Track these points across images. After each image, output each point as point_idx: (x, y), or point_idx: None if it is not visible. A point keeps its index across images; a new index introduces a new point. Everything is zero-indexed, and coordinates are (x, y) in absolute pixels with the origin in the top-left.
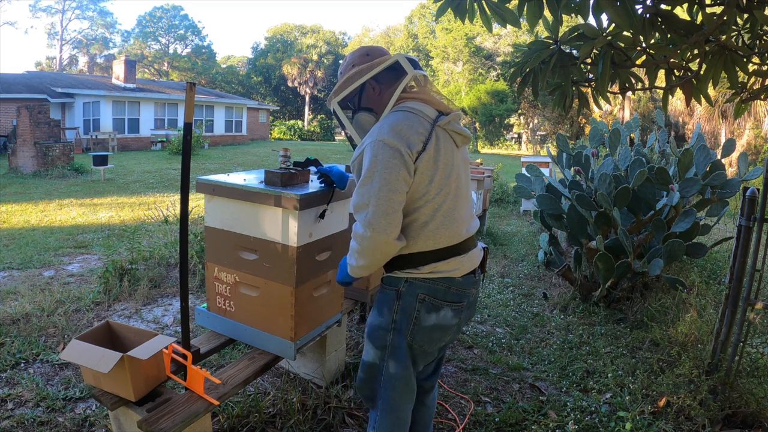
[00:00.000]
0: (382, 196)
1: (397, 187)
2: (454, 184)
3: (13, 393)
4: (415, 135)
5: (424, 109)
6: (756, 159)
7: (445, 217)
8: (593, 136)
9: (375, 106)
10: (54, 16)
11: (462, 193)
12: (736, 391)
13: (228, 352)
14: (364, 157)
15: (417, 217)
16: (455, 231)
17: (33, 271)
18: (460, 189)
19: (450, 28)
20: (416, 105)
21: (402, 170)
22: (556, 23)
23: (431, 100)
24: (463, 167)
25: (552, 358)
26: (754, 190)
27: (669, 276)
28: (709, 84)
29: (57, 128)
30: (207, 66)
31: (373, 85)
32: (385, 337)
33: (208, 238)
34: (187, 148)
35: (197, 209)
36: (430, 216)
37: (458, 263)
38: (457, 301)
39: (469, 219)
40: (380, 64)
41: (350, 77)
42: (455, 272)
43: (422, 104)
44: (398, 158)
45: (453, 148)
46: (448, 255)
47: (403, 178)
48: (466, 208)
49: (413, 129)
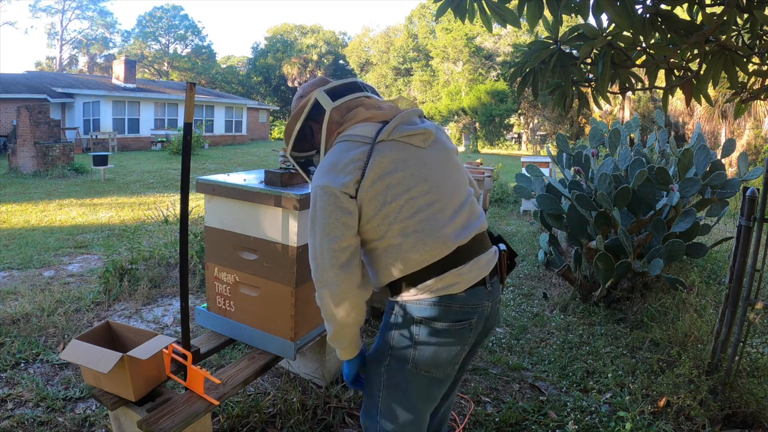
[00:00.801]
0: (325, 247)
1: (337, 234)
2: (423, 191)
3: (13, 393)
4: (350, 165)
5: (362, 131)
6: (756, 159)
7: (422, 232)
8: (593, 136)
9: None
10: (54, 16)
11: (443, 195)
12: (736, 391)
13: (228, 352)
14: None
15: (385, 245)
16: (440, 241)
17: (33, 271)
18: (438, 191)
19: (450, 28)
20: (355, 129)
21: (339, 214)
22: (556, 23)
23: (373, 116)
24: (441, 164)
25: (552, 358)
26: (754, 190)
27: (669, 276)
28: (709, 84)
29: (57, 128)
30: (207, 66)
31: (312, 125)
32: (380, 366)
33: (208, 238)
34: (187, 148)
35: (197, 209)
36: (401, 238)
37: (457, 276)
38: (461, 320)
39: (460, 220)
40: (305, 106)
41: (289, 126)
42: (454, 288)
43: (362, 125)
44: (333, 203)
45: (414, 152)
46: (441, 270)
47: (342, 222)
48: (456, 209)
49: (347, 159)
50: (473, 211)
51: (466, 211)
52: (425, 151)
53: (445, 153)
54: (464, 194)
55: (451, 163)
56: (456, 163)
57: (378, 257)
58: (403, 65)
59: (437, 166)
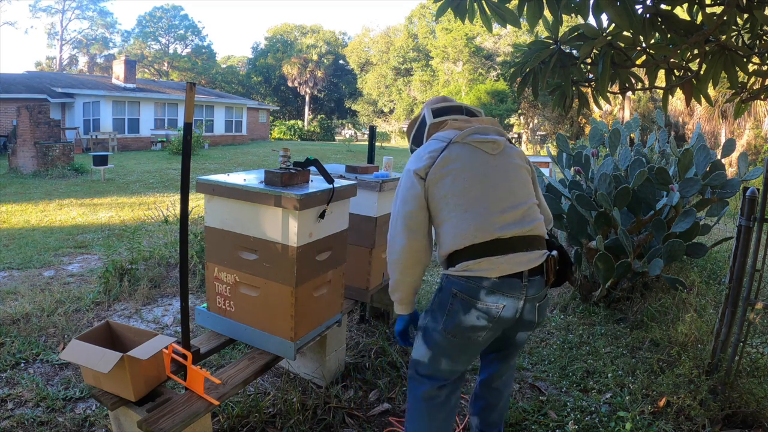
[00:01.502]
0: (400, 212)
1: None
2: (479, 189)
3: (13, 393)
4: (426, 155)
5: (445, 135)
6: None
7: (471, 219)
8: (593, 136)
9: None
10: (54, 16)
11: (498, 194)
12: (736, 391)
13: (228, 352)
14: None
15: (441, 222)
16: (483, 228)
17: (33, 271)
18: (494, 191)
19: (450, 28)
20: (440, 134)
21: (413, 190)
22: (556, 23)
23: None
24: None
25: (552, 358)
26: (754, 190)
27: (669, 276)
28: (709, 84)
29: (57, 128)
30: (207, 66)
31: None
32: (423, 321)
33: (208, 238)
34: (187, 148)
35: (197, 209)
36: (454, 218)
37: (491, 263)
38: (491, 302)
39: (511, 218)
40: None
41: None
42: (489, 272)
43: (447, 131)
44: (410, 179)
45: (482, 156)
46: (479, 255)
47: (414, 195)
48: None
49: (427, 152)
50: (527, 215)
51: (519, 212)
52: (493, 156)
53: (512, 164)
54: (521, 198)
55: (515, 172)
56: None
57: (439, 232)
58: (403, 65)
59: (500, 170)
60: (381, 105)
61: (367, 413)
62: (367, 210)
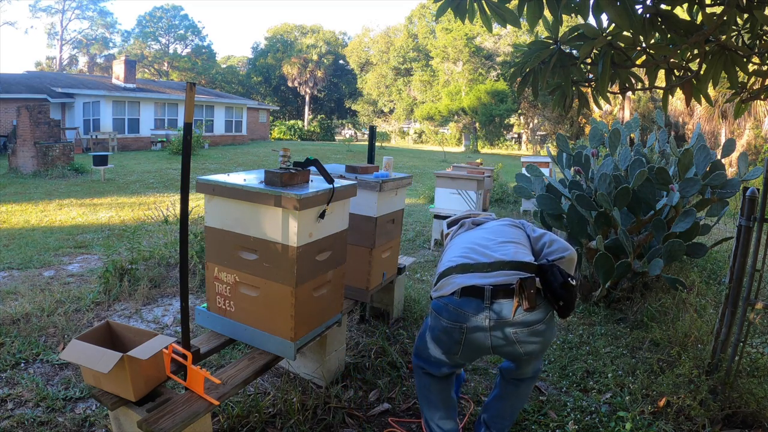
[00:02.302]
0: None
1: None
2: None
3: (13, 393)
4: None
5: None
6: (756, 159)
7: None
8: (593, 136)
9: None
10: (54, 16)
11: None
12: (736, 391)
13: (228, 352)
14: None
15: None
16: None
17: (33, 271)
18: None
19: (450, 28)
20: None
21: None
22: (556, 23)
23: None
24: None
25: (552, 358)
26: (754, 190)
27: (669, 276)
28: (709, 84)
29: (57, 128)
30: (207, 66)
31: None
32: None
33: (208, 238)
34: (187, 148)
35: (197, 209)
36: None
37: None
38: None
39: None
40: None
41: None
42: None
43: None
44: None
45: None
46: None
47: None
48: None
49: None
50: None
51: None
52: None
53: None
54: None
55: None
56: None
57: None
58: (403, 65)
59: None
60: (381, 105)
61: (367, 413)
62: (367, 210)
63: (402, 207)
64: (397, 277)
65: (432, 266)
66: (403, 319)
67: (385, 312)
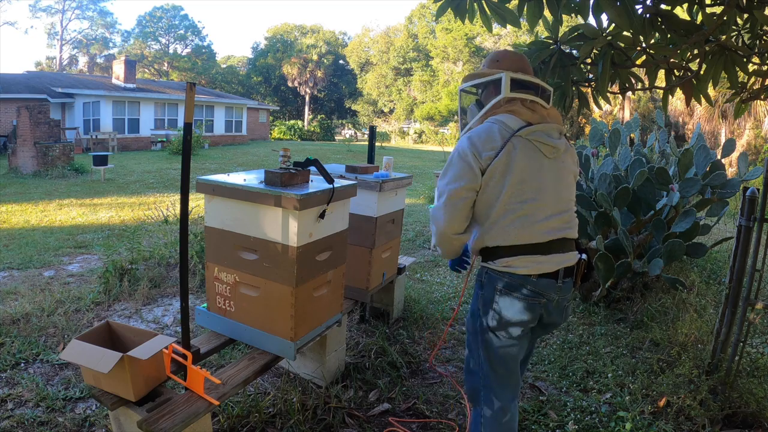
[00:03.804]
0: (448, 192)
1: (460, 184)
2: (532, 188)
3: (13, 393)
4: (489, 143)
5: (508, 121)
6: (756, 159)
7: (519, 218)
8: (593, 136)
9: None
10: (54, 16)
11: (547, 199)
12: (736, 391)
13: (228, 352)
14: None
15: (490, 215)
16: (531, 232)
17: (33, 271)
18: (544, 194)
19: (450, 28)
20: (503, 117)
21: (467, 171)
22: (556, 23)
23: (520, 113)
24: (556, 176)
25: (552, 358)
26: (754, 190)
27: (669, 276)
28: (709, 84)
29: (57, 128)
30: (207, 66)
31: (491, 89)
32: (475, 323)
33: (208, 238)
34: (187, 148)
35: (197, 209)
36: (502, 216)
37: (529, 261)
38: (530, 298)
39: (556, 224)
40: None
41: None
42: (527, 269)
43: (510, 117)
44: (464, 162)
45: (539, 157)
46: (520, 253)
47: (467, 177)
48: (553, 213)
49: (488, 137)
50: (566, 221)
51: (561, 219)
52: (549, 161)
53: (563, 170)
54: (565, 206)
55: (564, 179)
56: (570, 183)
57: (483, 222)
58: (403, 65)
59: (552, 176)
60: (381, 105)
61: (367, 413)
62: (367, 210)
63: (402, 207)
64: (397, 277)
65: (432, 266)
66: (403, 319)
67: (385, 312)
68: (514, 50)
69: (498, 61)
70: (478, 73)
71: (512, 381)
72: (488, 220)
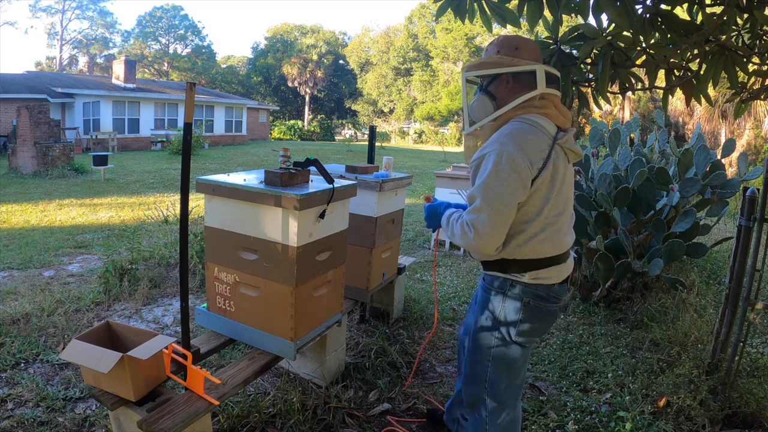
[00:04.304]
0: (497, 207)
1: (510, 202)
2: (563, 200)
3: (13, 393)
4: (537, 152)
5: (545, 124)
6: (756, 159)
7: (553, 231)
8: (593, 136)
9: (499, 97)
10: (54, 16)
11: (569, 209)
12: (736, 391)
13: (228, 352)
14: (487, 161)
15: (527, 229)
16: (559, 243)
17: (33, 271)
18: (569, 204)
19: (450, 28)
20: (538, 119)
21: (520, 186)
22: (556, 23)
23: (553, 116)
24: (570, 182)
25: (552, 358)
26: (754, 190)
27: (669, 276)
28: (709, 84)
29: (57, 128)
30: (207, 66)
31: (508, 79)
32: (490, 337)
33: (208, 238)
34: (187, 148)
35: (197, 209)
36: (540, 229)
37: (557, 272)
38: (553, 304)
39: (570, 232)
40: (520, 65)
41: (489, 62)
42: (553, 279)
43: (544, 119)
44: (518, 174)
45: (566, 164)
46: (550, 264)
47: (519, 193)
48: (571, 222)
49: (536, 145)
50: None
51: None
52: (569, 167)
53: (572, 173)
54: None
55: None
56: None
57: (516, 236)
58: (403, 65)
59: (569, 182)
60: (381, 105)
61: (367, 413)
62: (367, 210)
63: (402, 207)
64: (397, 277)
65: (432, 266)
66: (403, 319)
67: (385, 312)
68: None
69: (518, 48)
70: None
71: (520, 383)
72: (523, 234)
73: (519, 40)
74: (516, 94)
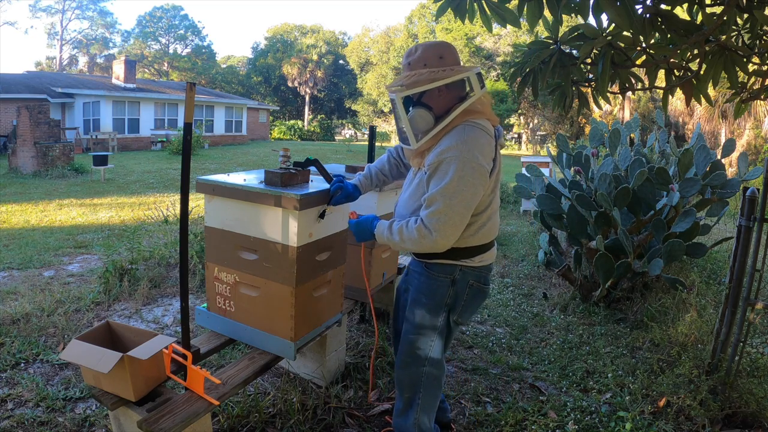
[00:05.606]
0: (459, 211)
1: (472, 204)
2: (499, 187)
3: (13, 393)
4: (489, 154)
5: (488, 126)
6: (756, 159)
7: (495, 217)
8: (593, 136)
9: (436, 106)
10: (54, 16)
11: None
12: (736, 391)
13: (228, 352)
14: (447, 166)
15: (478, 220)
16: (497, 226)
17: (33, 271)
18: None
19: (450, 28)
20: (482, 122)
21: (481, 189)
22: (556, 23)
23: (490, 117)
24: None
25: (552, 358)
26: (754, 190)
27: (669, 276)
28: (709, 84)
29: (57, 128)
30: (207, 66)
31: (440, 88)
32: (435, 321)
33: (208, 238)
34: (187, 148)
35: (197, 209)
36: (488, 218)
37: (493, 252)
38: (487, 285)
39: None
40: (454, 75)
41: (424, 79)
42: (491, 260)
43: (485, 121)
44: (480, 179)
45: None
46: (491, 246)
47: (479, 195)
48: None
49: (488, 148)
50: None
51: None
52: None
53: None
54: None
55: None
56: None
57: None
58: None
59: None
60: (381, 105)
61: (367, 413)
62: (367, 210)
63: None
64: (397, 277)
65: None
66: None
67: (385, 312)
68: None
69: (442, 57)
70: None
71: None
72: (475, 224)
73: (440, 49)
74: (451, 101)
